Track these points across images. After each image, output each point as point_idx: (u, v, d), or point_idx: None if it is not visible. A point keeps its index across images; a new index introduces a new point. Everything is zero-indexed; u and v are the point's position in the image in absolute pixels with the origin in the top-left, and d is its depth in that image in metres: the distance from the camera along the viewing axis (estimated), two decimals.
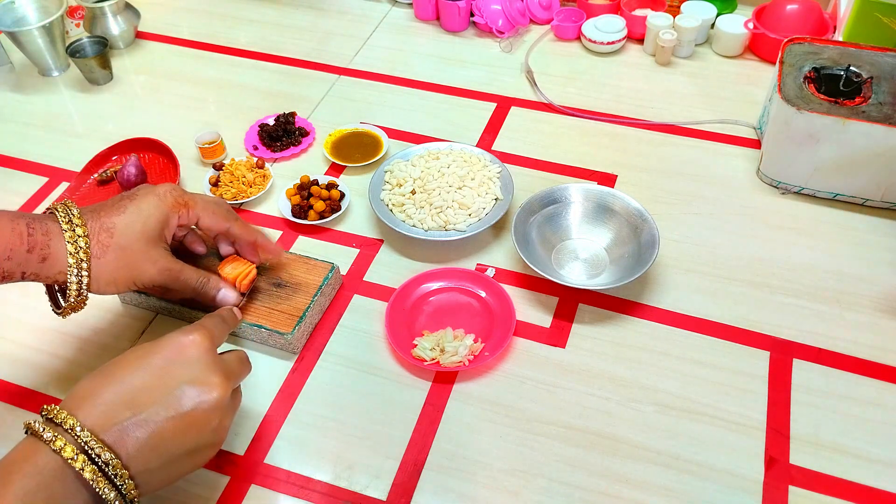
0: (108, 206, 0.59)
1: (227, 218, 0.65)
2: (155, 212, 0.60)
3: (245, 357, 0.58)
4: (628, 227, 0.76)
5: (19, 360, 0.70)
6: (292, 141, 0.92)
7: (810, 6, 0.99)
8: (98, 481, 0.45)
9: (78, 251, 0.56)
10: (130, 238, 0.58)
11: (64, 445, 0.45)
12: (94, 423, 0.46)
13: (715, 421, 0.63)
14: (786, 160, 0.80)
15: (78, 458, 0.45)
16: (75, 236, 0.56)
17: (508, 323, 0.69)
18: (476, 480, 0.60)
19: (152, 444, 0.48)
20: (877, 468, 0.60)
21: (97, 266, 0.57)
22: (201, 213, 0.63)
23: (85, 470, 0.45)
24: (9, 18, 1.04)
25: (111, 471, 0.46)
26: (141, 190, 0.61)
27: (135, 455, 0.47)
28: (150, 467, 0.48)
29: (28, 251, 0.55)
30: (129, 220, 0.59)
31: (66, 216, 0.57)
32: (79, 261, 0.56)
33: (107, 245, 0.58)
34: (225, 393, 0.51)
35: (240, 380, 0.56)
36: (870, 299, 0.72)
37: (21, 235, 0.55)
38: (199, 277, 0.64)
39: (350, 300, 0.74)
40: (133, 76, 1.07)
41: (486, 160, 0.84)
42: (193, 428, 0.49)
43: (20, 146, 0.96)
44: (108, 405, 0.47)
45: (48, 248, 0.55)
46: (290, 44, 1.11)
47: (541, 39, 1.09)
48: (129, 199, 0.60)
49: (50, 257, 0.56)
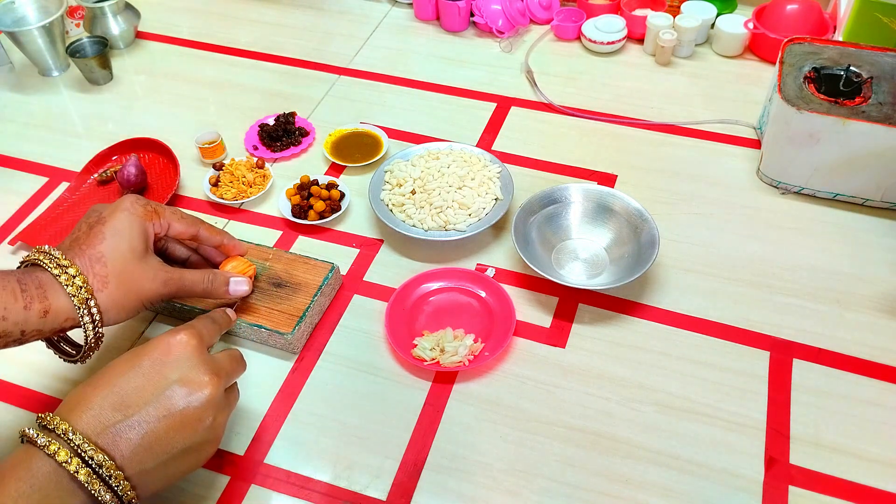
0: (83, 238, 0.57)
1: (193, 222, 0.64)
2: (133, 226, 0.58)
3: (238, 355, 0.57)
4: (628, 227, 0.76)
5: (22, 361, 0.70)
6: (292, 141, 0.92)
7: (810, 6, 0.99)
8: (93, 483, 0.45)
9: (79, 291, 0.54)
10: (124, 261, 0.57)
11: (58, 449, 0.45)
12: (87, 427, 0.47)
13: (715, 421, 0.63)
14: (786, 160, 0.80)
15: (72, 462, 0.45)
16: (70, 278, 0.54)
17: (508, 323, 0.69)
18: (476, 480, 0.60)
19: (146, 445, 0.48)
20: (877, 468, 0.60)
21: (103, 299, 0.55)
22: (171, 219, 0.62)
23: (79, 472, 0.45)
24: (9, 18, 1.04)
25: (105, 472, 0.46)
26: (105, 212, 0.59)
27: (129, 457, 0.47)
28: (146, 468, 0.48)
29: (25, 308, 0.52)
30: (113, 245, 0.57)
31: (51, 262, 0.54)
32: (84, 300, 0.54)
33: (105, 276, 0.56)
34: (216, 390, 0.51)
35: (233, 378, 0.56)
36: (870, 299, 0.72)
37: (14, 293, 0.52)
38: (204, 276, 0.63)
39: (350, 300, 0.74)
40: (133, 76, 1.07)
41: (486, 160, 0.84)
42: (186, 427, 0.50)
43: (20, 146, 0.96)
44: (99, 409, 0.48)
45: (46, 300, 0.53)
46: (290, 44, 1.11)
47: (541, 39, 1.09)
48: (100, 225, 0.57)
49: (52, 310, 0.53)
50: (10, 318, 0.52)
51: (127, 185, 0.85)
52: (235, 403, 0.57)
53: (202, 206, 0.86)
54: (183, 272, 0.62)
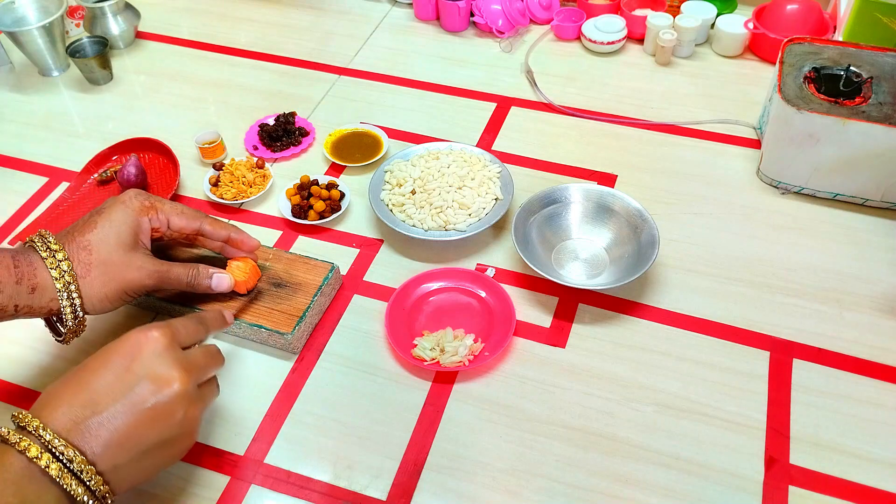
0: (80, 225, 0.60)
1: (196, 216, 0.65)
2: (125, 219, 0.61)
3: (215, 350, 0.58)
4: (628, 227, 0.76)
5: (19, 360, 0.70)
6: (292, 141, 0.92)
7: (810, 6, 0.99)
8: (64, 477, 0.46)
9: (63, 275, 0.57)
10: (108, 250, 0.59)
11: (28, 446, 0.46)
12: (58, 424, 0.48)
13: (715, 421, 0.63)
14: (786, 160, 0.80)
15: (42, 457, 0.46)
16: (56, 261, 0.57)
17: (508, 323, 0.69)
18: (476, 480, 0.60)
19: (117, 441, 0.49)
20: (877, 468, 0.60)
21: (85, 285, 0.58)
22: (170, 214, 0.64)
23: (50, 468, 0.46)
24: (9, 18, 1.04)
25: (76, 468, 0.47)
26: (107, 203, 0.63)
27: (100, 453, 0.48)
28: (119, 463, 0.49)
29: (17, 283, 0.56)
30: (102, 234, 0.60)
31: (43, 245, 0.58)
32: (66, 284, 0.57)
33: (88, 263, 0.59)
34: (184, 386, 0.51)
35: (207, 372, 0.56)
36: (870, 299, 0.72)
37: (8, 268, 0.56)
38: (188, 271, 0.65)
39: (350, 300, 0.74)
40: (133, 76, 1.07)
41: (486, 160, 0.84)
42: (157, 422, 0.50)
43: (20, 146, 0.96)
44: (70, 407, 0.49)
45: (35, 278, 0.57)
46: (290, 44, 1.11)
47: (541, 39, 1.09)
48: (97, 214, 0.61)
49: (39, 287, 0.57)
50: (5, 292, 0.55)
51: (127, 185, 0.85)
52: (212, 398, 0.57)
53: (202, 206, 0.86)
54: (170, 265, 0.63)
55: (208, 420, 0.64)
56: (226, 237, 0.67)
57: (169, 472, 0.61)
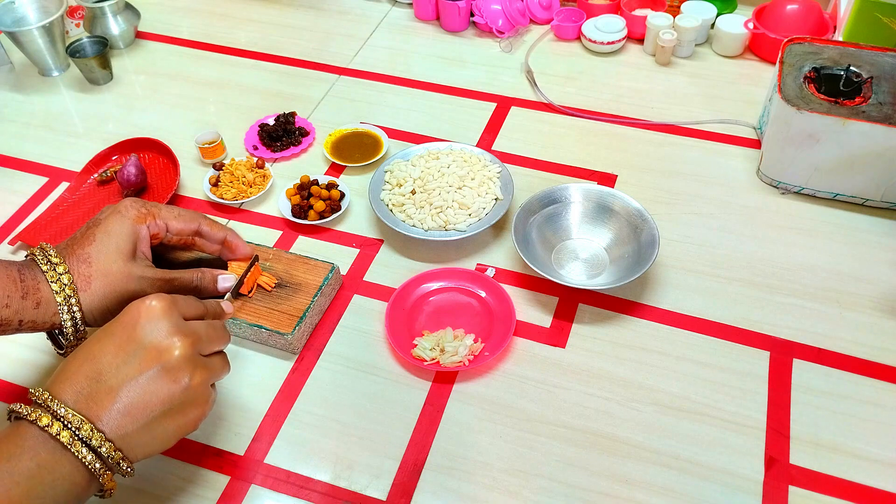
0: (79, 238, 0.60)
1: (194, 218, 0.65)
2: (123, 229, 0.60)
3: (219, 324, 0.57)
4: (628, 227, 0.76)
5: (19, 360, 0.71)
6: (292, 141, 0.92)
7: (810, 6, 0.99)
8: (75, 444, 0.47)
9: (63, 288, 0.57)
10: (108, 262, 0.59)
11: (41, 415, 0.48)
12: (67, 396, 0.49)
13: (715, 421, 0.63)
14: (786, 160, 0.80)
15: (53, 425, 0.47)
16: (57, 275, 0.57)
17: (508, 323, 0.69)
18: (476, 480, 0.60)
19: (123, 410, 0.49)
20: (877, 468, 0.60)
21: (86, 298, 0.58)
22: (168, 218, 0.63)
23: (61, 434, 0.47)
24: (9, 18, 1.04)
25: (84, 434, 0.48)
26: (104, 213, 0.62)
27: (108, 422, 0.49)
28: (128, 431, 0.49)
29: (23, 297, 0.56)
30: (101, 247, 0.59)
31: (44, 258, 0.58)
32: (66, 297, 0.57)
33: (88, 275, 0.58)
34: (185, 351, 0.51)
35: (210, 343, 0.55)
36: (870, 299, 0.72)
37: (15, 281, 0.56)
38: (194, 275, 0.64)
39: (350, 300, 0.74)
40: (133, 76, 1.07)
41: (486, 160, 0.84)
42: (161, 388, 0.50)
43: (20, 146, 0.96)
44: (77, 379, 0.50)
45: (39, 292, 0.56)
46: (290, 44, 1.11)
47: (541, 39, 1.09)
48: (95, 227, 0.60)
49: (42, 301, 0.56)
50: (12, 307, 0.55)
51: (127, 185, 0.85)
52: (222, 371, 0.56)
53: (202, 206, 0.86)
54: (173, 273, 0.63)
55: (208, 420, 0.64)
56: (223, 238, 0.67)
57: (169, 472, 0.61)
